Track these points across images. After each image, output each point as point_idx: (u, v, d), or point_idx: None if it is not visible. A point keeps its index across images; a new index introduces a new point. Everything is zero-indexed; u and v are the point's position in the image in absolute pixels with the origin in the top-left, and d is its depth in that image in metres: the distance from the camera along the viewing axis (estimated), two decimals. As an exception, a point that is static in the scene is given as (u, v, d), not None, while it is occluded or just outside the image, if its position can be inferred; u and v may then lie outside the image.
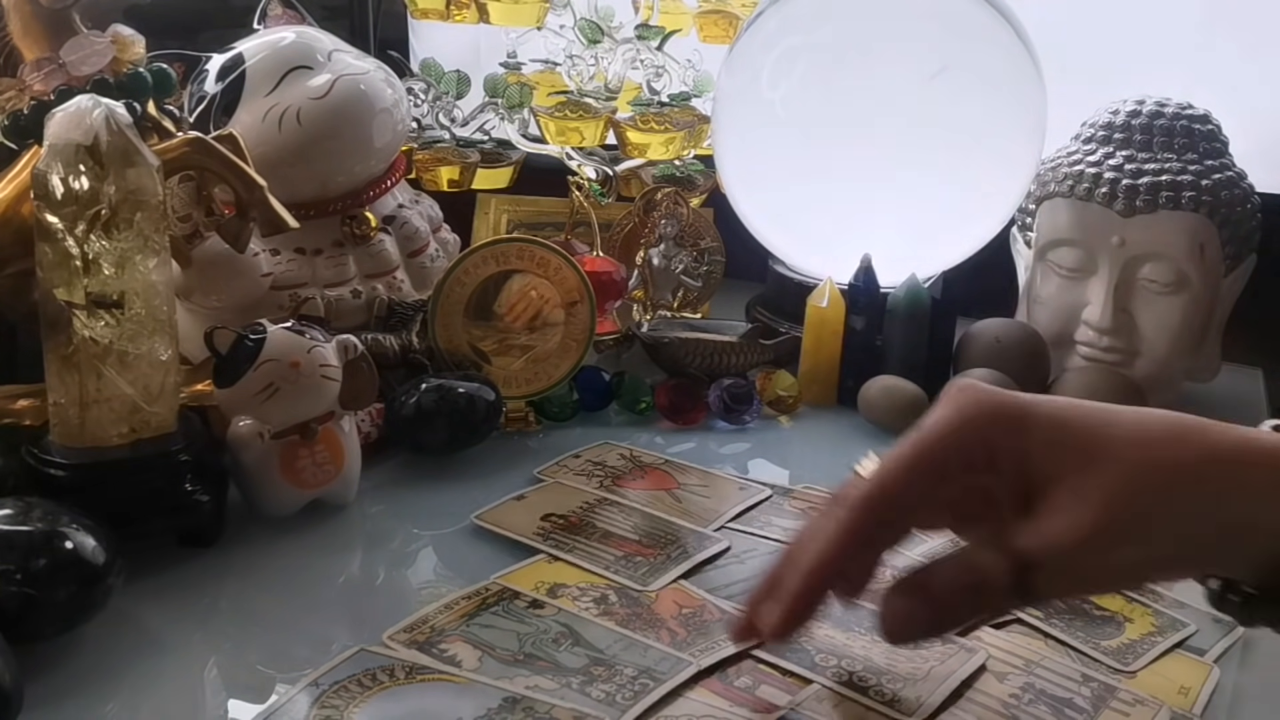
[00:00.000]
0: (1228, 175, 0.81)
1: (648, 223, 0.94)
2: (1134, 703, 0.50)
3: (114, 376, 0.57)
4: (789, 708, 0.49)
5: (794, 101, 0.87)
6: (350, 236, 0.80)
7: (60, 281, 0.56)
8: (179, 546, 0.61)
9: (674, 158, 1.01)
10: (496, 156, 1.03)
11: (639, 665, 0.51)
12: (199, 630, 0.55)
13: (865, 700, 0.49)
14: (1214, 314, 0.83)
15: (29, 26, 0.67)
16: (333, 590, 0.59)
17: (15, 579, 0.48)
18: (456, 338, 0.77)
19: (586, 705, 0.48)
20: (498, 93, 1.02)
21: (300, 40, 0.81)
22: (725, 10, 1.00)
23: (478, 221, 1.04)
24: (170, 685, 0.51)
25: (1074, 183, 0.82)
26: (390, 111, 0.81)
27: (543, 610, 0.55)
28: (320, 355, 0.62)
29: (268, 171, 0.69)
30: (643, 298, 0.93)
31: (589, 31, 0.98)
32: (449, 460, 0.72)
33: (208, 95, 0.79)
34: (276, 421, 0.62)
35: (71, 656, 0.51)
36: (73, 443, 0.58)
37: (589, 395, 0.80)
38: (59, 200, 0.56)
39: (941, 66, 0.82)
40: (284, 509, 0.64)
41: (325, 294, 0.79)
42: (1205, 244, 0.79)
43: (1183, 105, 0.83)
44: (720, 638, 0.53)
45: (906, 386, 0.79)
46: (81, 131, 0.56)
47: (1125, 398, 0.78)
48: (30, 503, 0.52)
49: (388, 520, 0.67)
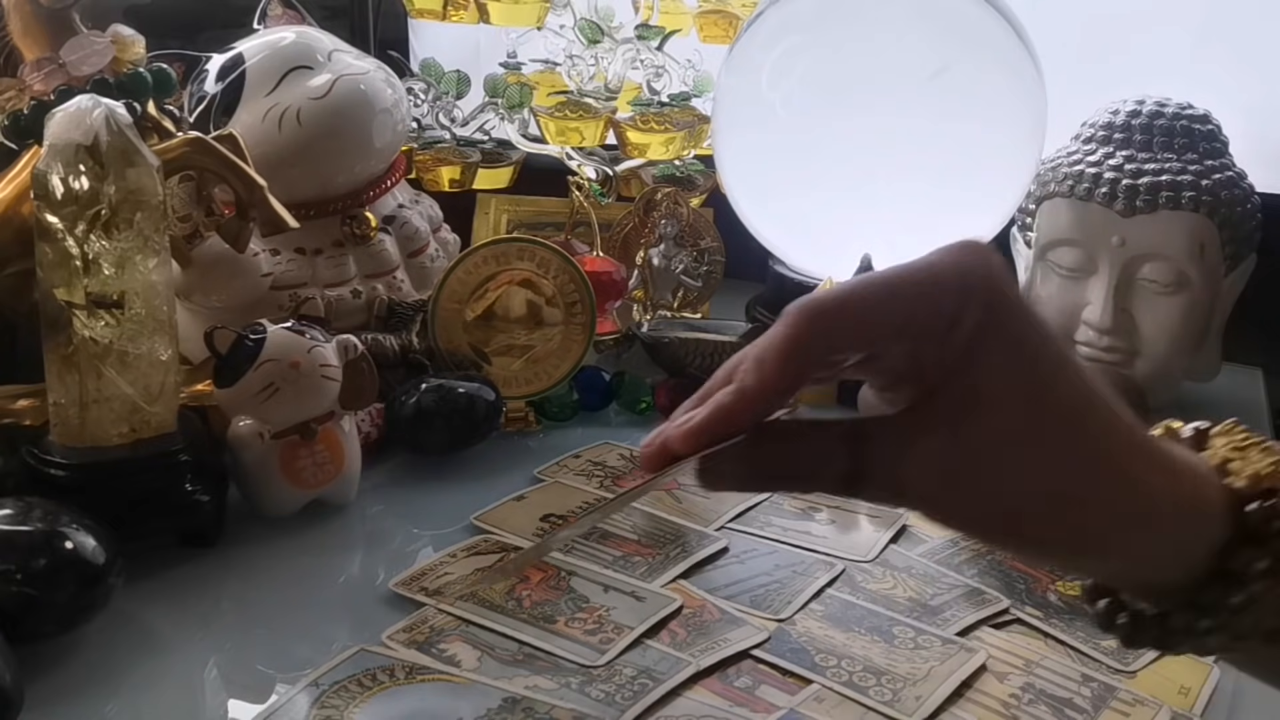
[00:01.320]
0: (1228, 175, 0.81)
1: (648, 223, 0.94)
2: (1134, 703, 0.50)
3: (114, 376, 0.57)
4: (789, 708, 0.49)
5: (794, 101, 0.87)
6: (350, 236, 0.80)
7: (60, 281, 0.56)
8: (179, 546, 0.61)
9: (674, 158, 1.01)
10: (496, 156, 1.03)
11: (639, 665, 0.51)
12: (199, 630, 0.55)
13: (865, 700, 0.49)
14: (1214, 314, 0.83)
15: (29, 26, 0.67)
16: (333, 590, 0.59)
17: (15, 579, 0.48)
18: (456, 338, 0.77)
19: (586, 705, 0.48)
20: (498, 93, 1.02)
21: (300, 40, 0.81)
22: (725, 10, 1.00)
23: (478, 221, 1.04)
24: (170, 685, 0.51)
25: (1074, 183, 0.82)
26: (390, 111, 0.81)
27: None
28: (320, 355, 0.63)
29: (268, 171, 0.69)
30: (643, 298, 0.93)
31: (589, 31, 0.98)
32: (449, 460, 0.72)
33: (208, 95, 0.79)
34: (276, 421, 0.62)
35: (71, 656, 0.51)
36: (73, 443, 0.58)
37: (589, 395, 0.80)
38: (59, 200, 0.56)
39: (941, 66, 0.82)
40: (284, 509, 0.64)
41: (325, 294, 0.79)
42: (1205, 244, 0.79)
43: (1183, 105, 0.83)
44: (720, 638, 0.53)
45: (906, 386, 0.79)
46: (81, 131, 0.56)
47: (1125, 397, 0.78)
48: (30, 503, 0.52)
49: (388, 520, 0.67)
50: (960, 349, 0.35)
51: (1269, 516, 0.35)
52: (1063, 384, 0.35)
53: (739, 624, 0.54)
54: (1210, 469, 0.37)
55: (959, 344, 0.34)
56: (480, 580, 0.55)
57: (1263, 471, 0.36)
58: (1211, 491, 0.36)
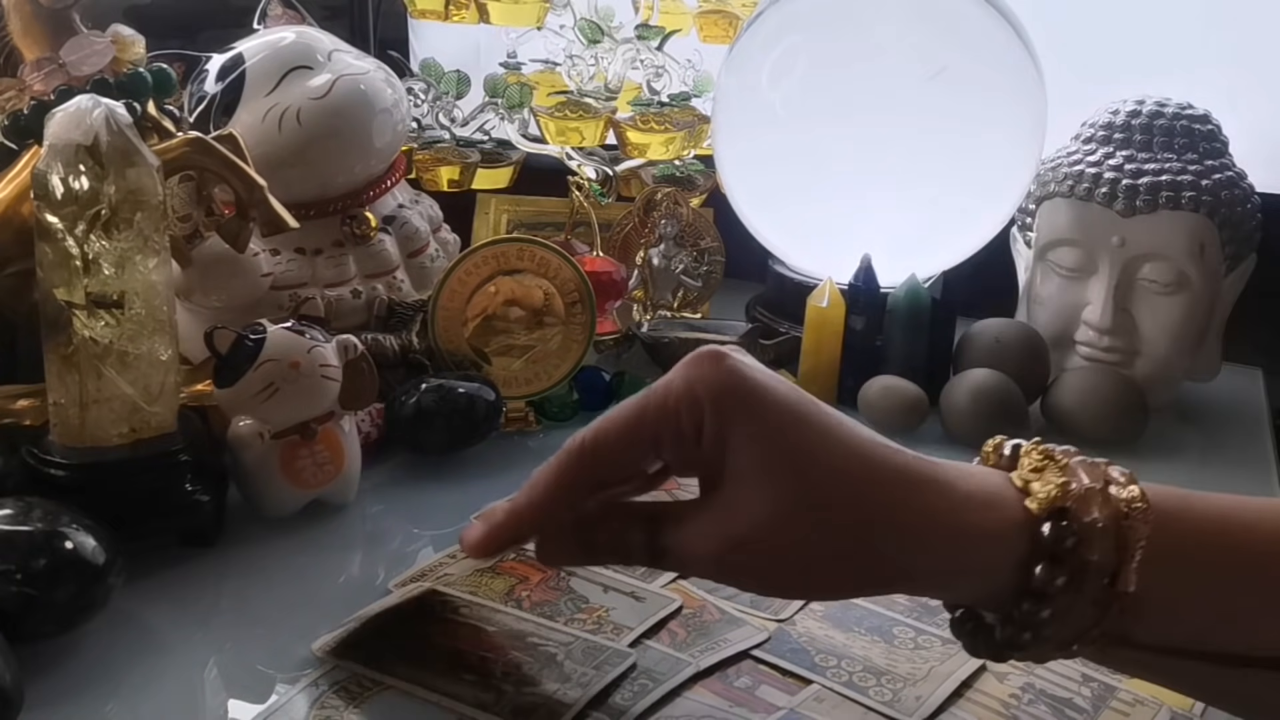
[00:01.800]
0: (1228, 175, 0.81)
1: (648, 223, 0.94)
2: (1134, 703, 0.50)
3: (114, 376, 0.57)
4: (789, 708, 0.49)
5: (794, 101, 0.87)
6: (350, 236, 0.81)
7: (60, 281, 0.56)
8: (179, 546, 0.61)
9: (674, 158, 1.01)
10: (496, 156, 1.03)
11: (639, 665, 0.51)
12: (199, 630, 0.55)
13: (865, 700, 0.49)
14: (1214, 314, 0.83)
15: (29, 26, 0.67)
16: (333, 590, 0.59)
17: (15, 579, 0.48)
18: (456, 338, 0.77)
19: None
20: (498, 93, 1.02)
21: (300, 40, 0.81)
22: (725, 10, 1.00)
23: (478, 221, 1.04)
24: (170, 685, 0.51)
25: (1074, 183, 0.82)
26: (390, 111, 0.81)
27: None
28: (320, 355, 0.63)
29: (268, 171, 0.69)
30: (643, 298, 0.93)
31: (589, 31, 0.98)
32: (449, 460, 0.72)
33: (208, 95, 0.79)
34: (276, 421, 0.62)
35: (71, 656, 0.51)
36: (73, 443, 0.58)
37: (589, 395, 0.80)
38: (59, 200, 0.56)
39: (941, 66, 0.82)
40: (284, 509, 0.64)
41: (325, 294, 0.79)
42: (1205, 244, 0.79)
43: (1183, 105, 0.83)
44: (720, 638, 0.53)
45: (906, 387, 0.79)
46: (81, 131, 0.56)
47: (1125, 397, 0.78)
48: (30, 503, 0.52)
49: (388, 520, 0.67)
50: (712, 445, 0.40)
51: (1060, 536, 0.37)
52: (820, 451, 0.39)
53: (739, 624, 0.54)
54: (1013, 492, 0.39)
55: (710, 443, 0.40)
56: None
57: (1053, 494, 0.38)
58: (1010, 513, 0.38)
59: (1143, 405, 0.79)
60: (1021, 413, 0.78)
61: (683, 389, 0.41)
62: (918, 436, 0.79)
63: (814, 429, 0.39)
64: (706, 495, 0.42)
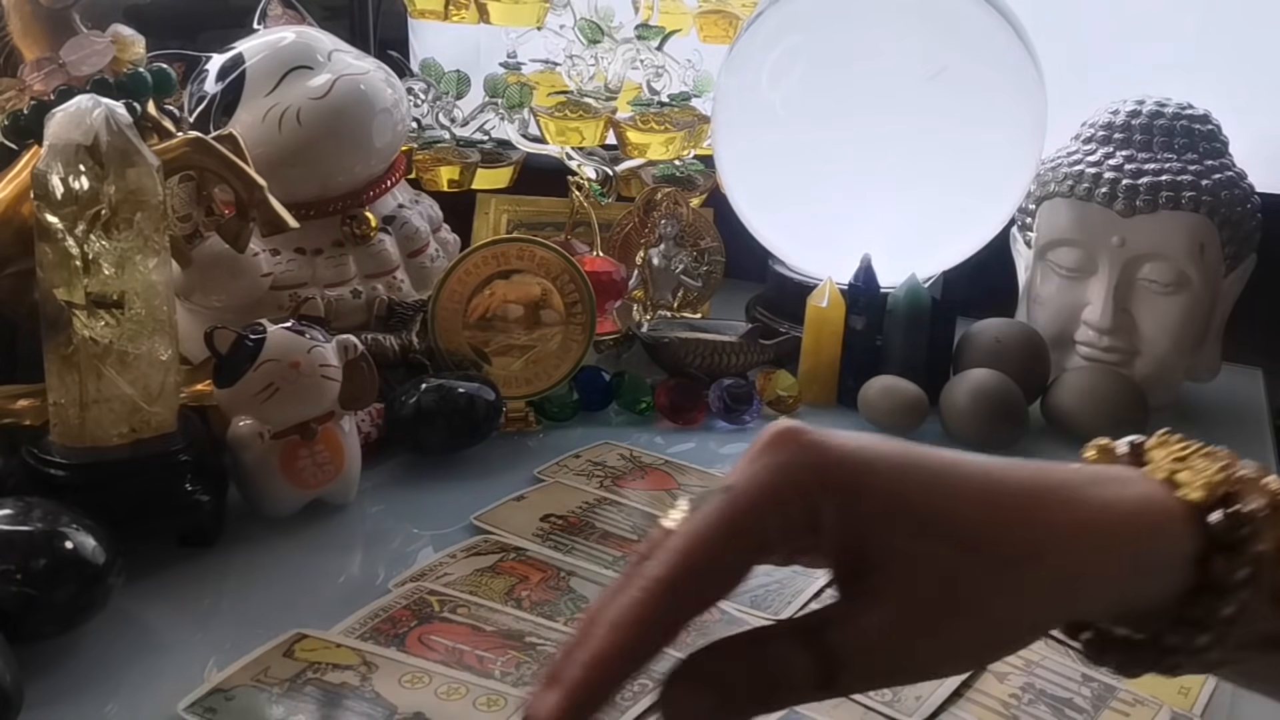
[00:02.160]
0: (1228, 175, 0.81)
1: (648, 223, 0.94)
2: (1134, 703, 0.50)
3: (114, 376, 0.57)
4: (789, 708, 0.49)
5: (794, 101, 0.87)
6: (350, 236, 0.80)
7: (60, 281, 0.56)
8: (179, 546, 0.61)
9: (674, 158, 1.01)
10: (496, 156, 1.03)
11: (639, 665, 0.51)
12: (199, 630, 0.55)
13: (865, 700, 0.49)
14: (1214, 314, 0.83)
15: (29, 26, 0.67)
16: (333, 590, 0.59)
17: (15, 579, 0.48)
18: (456, 338, 0.77)
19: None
20: (498, 93, 1.02)
21: (300, 40, 0.81)
22: (725, 10, 1.00)
23: (478, 221, 1.04)
24: (170, 685, 0.51)
25: (1074, 183, 0.82)
26: (390, 111, 0.81)
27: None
28: (320, 355, 0.63)
29: (268, 171, 0.69)
30: (643, 298, 0.93)
31: (589, 31, 0.98)
32: (449, 460, 0.72)
33: (208, 95, 0.79)
34: (276, 421, 0.62)
35: (71, 656, 0.51)
36: (73, 443, 0.58)
37: (589, 395, 0.80)
38: (59, 200, 0.56)
39: (941, 66, 0.82)
40: (284, 509, 0.64)
41: (325, 294, 0.79)
42: (1205, 244, 0.79)
43: (1183, 105, 0.83)
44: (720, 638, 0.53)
45: (906, 386, 0.79)
46: (81, 131, 0.56)
47: (1125, 397, 0.78)
48: (30, 503, 0.52)
49: (388, 520, 0.67)
50: (837, 535, 0.33)
51: (1235, 524, 0.34)
52: (964, 492, 0.34)
53: (739, 624, 0.54)
54: (1157, 485, 0.36)
55: (833, 532, 0.33)
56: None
57: (1214, 479, 0.35)
58: (1166, 507, 0.35)
59: (1143, 405, 0.79)
60: (1021, 413, 0.78)
61: (781, 479, 0.34)
62: (918, 437, 0.78)
63: (931, 471, 0.35)
64: (860, 582, 0.34)
